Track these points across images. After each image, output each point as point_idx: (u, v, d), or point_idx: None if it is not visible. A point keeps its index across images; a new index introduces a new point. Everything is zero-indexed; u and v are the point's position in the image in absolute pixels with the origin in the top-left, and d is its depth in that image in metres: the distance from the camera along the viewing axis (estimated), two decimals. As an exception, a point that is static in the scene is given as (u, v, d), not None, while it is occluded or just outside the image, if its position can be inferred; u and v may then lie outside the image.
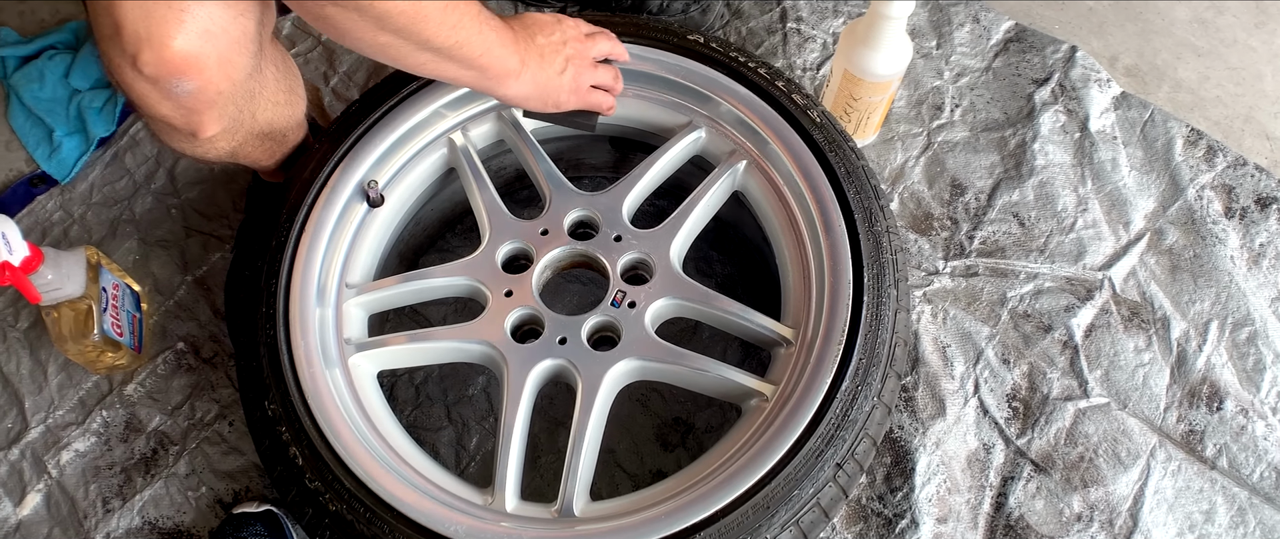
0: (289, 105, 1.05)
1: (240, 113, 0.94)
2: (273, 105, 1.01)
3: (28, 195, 1.43)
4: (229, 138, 0.97)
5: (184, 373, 1.27)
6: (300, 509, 0.94)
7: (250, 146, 1.04)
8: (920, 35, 1.52)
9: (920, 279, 1.31)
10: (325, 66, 1.52)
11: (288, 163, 1.16)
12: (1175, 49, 1.53)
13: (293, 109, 1.07)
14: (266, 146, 1.08)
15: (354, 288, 1.07)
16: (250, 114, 0.97)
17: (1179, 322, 1.27)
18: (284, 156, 1.14)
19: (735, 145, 1.13)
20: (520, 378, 1.01)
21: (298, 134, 1.13)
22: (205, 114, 0.88)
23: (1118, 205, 1.36)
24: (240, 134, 0.98)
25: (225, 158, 1.03)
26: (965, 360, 1.25)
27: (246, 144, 1.02)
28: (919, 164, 1.40)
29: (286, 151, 1.14)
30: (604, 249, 1.09)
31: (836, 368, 0.96)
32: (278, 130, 1.06)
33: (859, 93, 1.28)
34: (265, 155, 1.10)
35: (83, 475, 1.21)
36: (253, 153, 1.07)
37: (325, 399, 0.96)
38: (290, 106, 1.06)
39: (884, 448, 1.19)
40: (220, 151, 1.00)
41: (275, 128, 1.05)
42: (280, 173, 1.21)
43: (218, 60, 0.83)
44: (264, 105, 0.99)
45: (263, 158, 1.10)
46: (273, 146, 1.09)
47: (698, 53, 1.14)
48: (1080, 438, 1.20)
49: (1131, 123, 1.43)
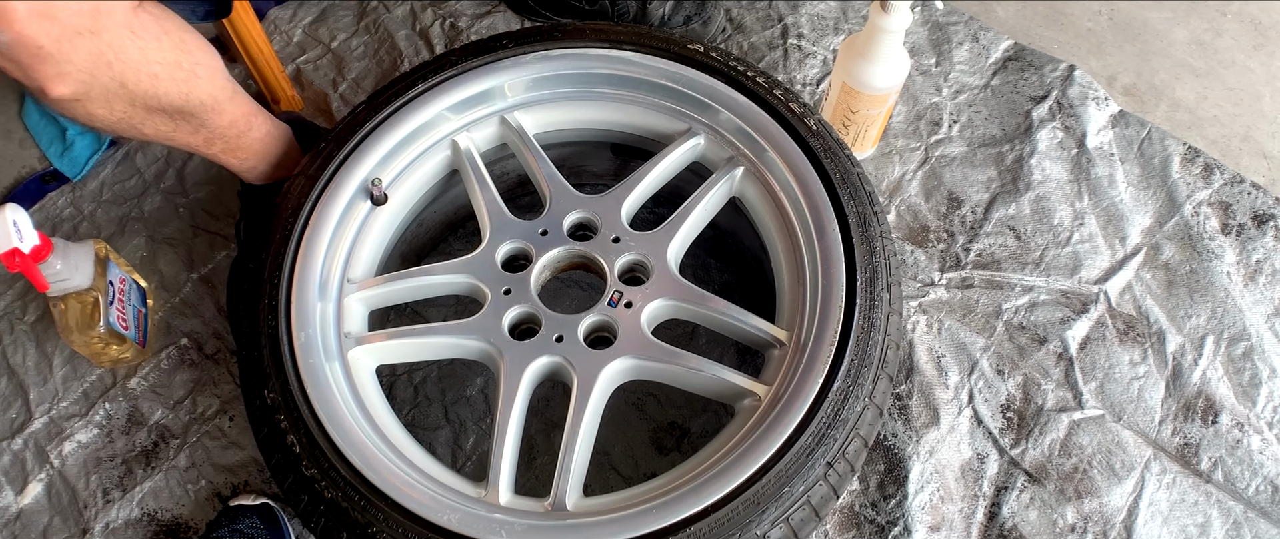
0: (179, 80, 0.98)
1: (97, 75, 0.89)
2: (150, 76, 0.94)
3: (40, 191, 1.45)
4: (104, 106, 0.93)
5: (186, 368, 1.29)
6: (296, 496, 0.95)
7: (154, 123, 1.01)
8: (920, 53, 1.54)
9: (916, 290, 1.32)
10: (334, 73, 1.55)
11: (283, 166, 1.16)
12: (1173, 69, 1.55)
13: (187, 84, 1.00)
14: (177, 126, 1.04)
15: (355, 283, 1.09)
16: (117, 81, 0.91)
17: (1174, 336, 1.28)
18: (236, 148, 1.14)
19: (733, 152, 1.15)
20: (516, 374, 1.02)
21: (222, 118, 1.09)
22: (40, 69, 0.84)
23: (1114, 221, 1.37)
24: (119, 104, 0.94)
25: (126, 131, 0.99)
26: (960, 370, 1.26)
27: (141, 118, 0.98)
28: (916, 178, 1.42)
29: (228, 141, 1.12)
30: (602, 250, 1.10)
31: (829, 368, 0.97)
32: (174, 106, 1.00)
33: (857, 105, 1.30)
34: (191, 136, 1.07)
35: (84, 466, 1.23)
36: (165, 131, 1.04)
37: (323, 389, 0.98)
38: (183, 82, 0.99)
39: (877, 455, 1.20)
40: (106, 121, 0.95)
41: (169, 102, 0.99)
42: (264, 173, 1.22)
43: (30, 11, 0.80)
44: (137, 73, 0.93)
45: (192, 140, 1.08)
46: (188, 128, 1.06)
47: (697, 62, 1.16)
48: (1074, 449, 1.20)
49: (1129, 140, 1.44)
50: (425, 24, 1.60)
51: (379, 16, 1.62)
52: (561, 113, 1.20)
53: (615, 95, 1.19)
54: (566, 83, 1.18)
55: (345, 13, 1.63)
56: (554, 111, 1.20)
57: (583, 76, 1.18)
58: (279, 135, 1.24)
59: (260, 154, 1.21)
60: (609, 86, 1.18)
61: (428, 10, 1.62)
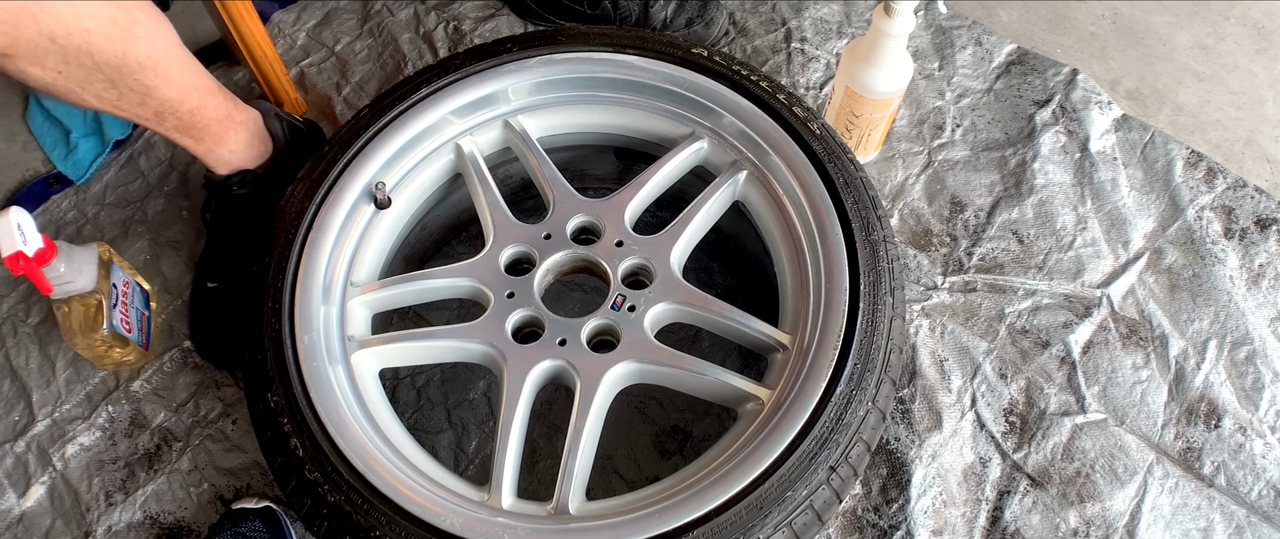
0: (113, 37, 0.95)
1: (22, 28, 0.86)
2: (81, 30, 0.91)
3: (43, 194, 1.45)
4: (35, 63, 0.90)
5: (189, 371, 1.29)
6: (299, 500, 0.95)
7: (95, 86, 0.98)
8: (923, 57, 1.54)
9: (919, 294, 1.32)
10: (338, 76, 1.55)
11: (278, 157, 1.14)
12: (1176, 73, 1.55)
13: (124, 42, 0.96)
14: (122, 94, 1.01)
15: (359, 286, 1.09)
16: (45, 34, 0.88)
17: (1177, 340, 1.28)
18: (190, 126, 1.12)
19: (736, 156, 1.15)
20: (520, 377, 1.02)
21: (170, 88, 1.05)
22: None
23: (1117, 224, 1.37)
24: (51, 60, 0.91)
25: (67, 95, 0.97)
26: (963, 374, 1.26)
27: (80, 78, 0.96)
28: (919, 182, 1.42)
29: (181, 118, 1.09)
30: (606, 254, 1.10)
31: (831, 372, 0.97)
32: (111, 64, 0.97)
33: (860, 110, 1.30)
34: (139, 108, 1.05)
35: (87, 469, 1.23)
36: (110, 98, 1.01)
37: (327, 393, 0.98)
38: (118, 39, 0.95)
39: (880, 459, 1.20)
40: (41, 81, 0.93)
41: (104, 60, 0.96)
42: (226, 160, 1.21)
43: None
44: (66, 27, 0.90)
45: (141, 112, 1.05)
46: (135, 97, 1.03)
47: (701, 66, 1.16)
48: (1077, 453, 1.20)
49: (1132, 144, 1.44)
50: (429, 27, 1.60)
51: (383, 20, 1.62)
52: (565, 116, 1.20)
53: (619, 99, 1.19)
54: (570, 87, 1.18)
55: (349, 16, 1.64)
56: (558, 115, 1.20)
57: (587, 80, 1.18)
58: (244, 120, 1.21)
59: (219, 137, 1.17)
60: (613, 90, 1.18)
61: (431, 14, 1.62)
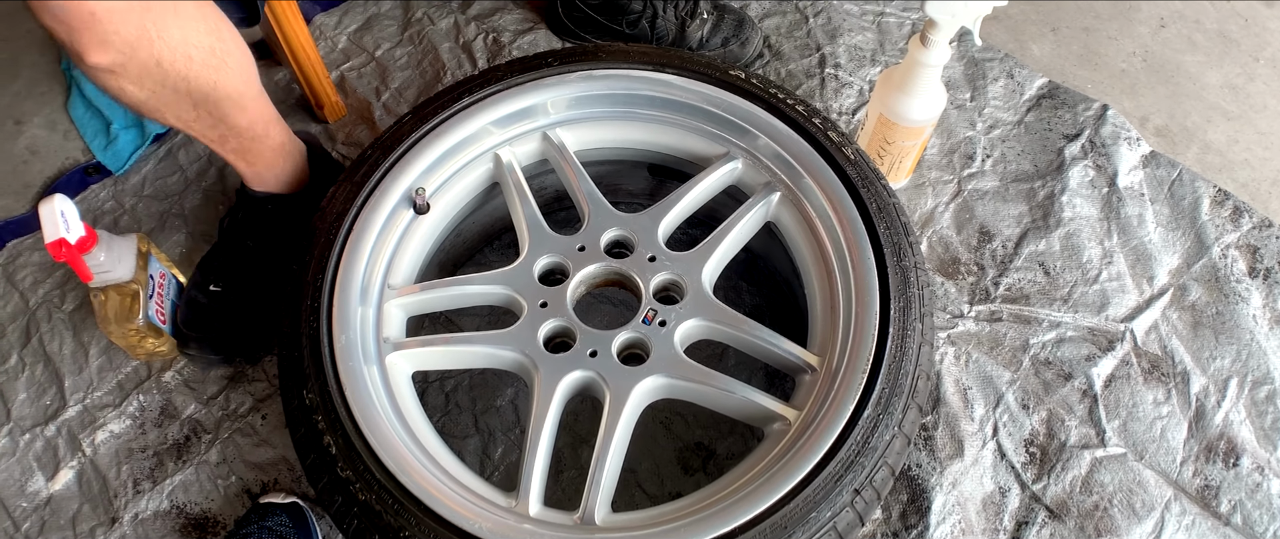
0: (211, 67, 1.02)
1: (138, 49, 0.92)
2: (185, 57, 0.98)
3: (82, 183, 1.48)
4: (137, 82, 0.96)
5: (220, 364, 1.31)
6: (330, 497, 0.96)
7: (178, 108, 1.04)
8: (955, 87, 1.55)
9: (945, 322, 1.33)
10: (377, 82, 1.58)
11: (309, 185, 1.17)
12: (1206, 112, 1.56)
13: (217, 72, 1.03)
14: (199, 115, 1.07)
15: (395, 289, 1.10)
16: (154, 57, 0.95)
17: (1199, 377, 1.28)
18: (247, 150, 1.17)
19: (770, 177, 1.16)
20: (550, 386, 1.04)
21: (243, 117, 1.12)
22: (86, 35, 0.87)
23: (1142, 260, 1.38)
24: (150, 82, 0.97)
25: (149, 112, 1.02)
26: (985, 403, 1.27)
27: (168, 100, 1.01)
28: (949, 210, 1.43)
29: (243, 142, 1.15)
30: (638, 268, 1.12)
31: (860, 395, 0.98)
32: (201, 92, 1.04)
33: (893, 137, 1.31)
34: (209, 129, 1.11)
35: (116, 456, 1.24)
36: (186, 118, 1.07)
37: (361, 393, 0.99)
38: (214, 68, 1.03)
39: (901, 484, 1.21)
40: (134, 98, 0.99)
41: (197, 87, 1.02)
42: (269, 182, 1.25)
43: None
44: (174, 53, 0.96)
45: (208, 134, 1.11)
46: (209, 119, 1.09)
47: (738, 87, 1.18)
48: (1096, 487, 1.21)
49: (1159, 181, 1.45)
50: (468, 37, 1.63)
51: (423, 28, 1.64)
52: (602, 131, 1.22)
53: (656, 117, 1.21)
54: (609, 102, 1.20)
55: (390, 22, 1.66)
56: (595, 130, 1.22)
57: (625, 97, 1.19)
58: (293, 150, 1.27)
59: (270, 163, 1.24)
60: (650, 108, 1.20)
61: (471, 24, 1.64)
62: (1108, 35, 1.65)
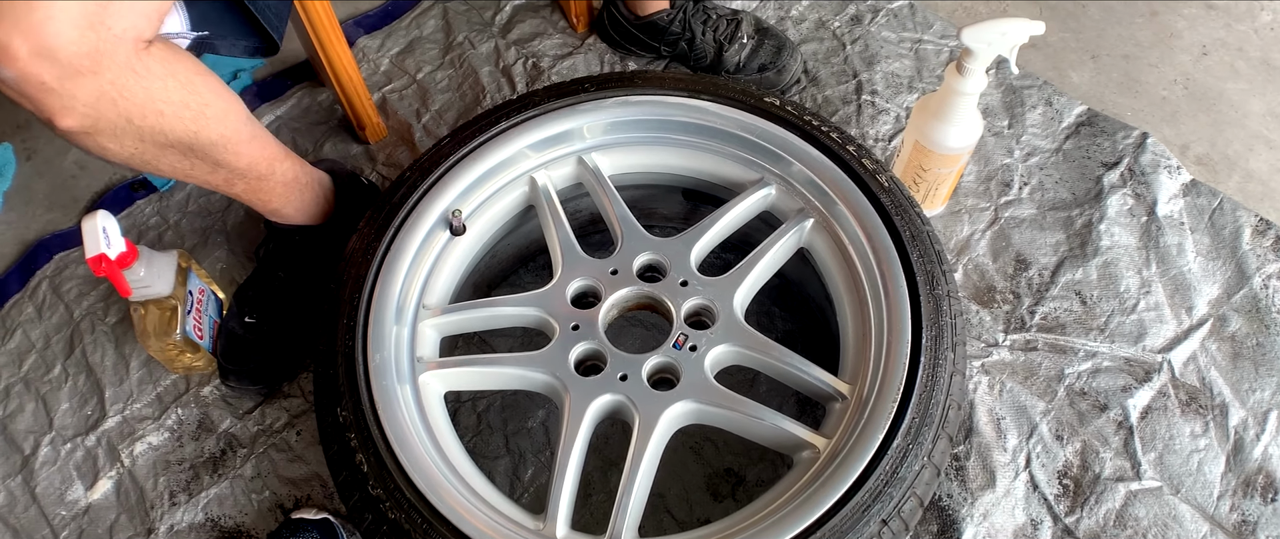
0: (185, 119, 1.00)
1: (103, 111, 0.91)
2: (155, 113, 0.96)
3: (128, 199, 1.52)
4: (114, 140, 0.95)
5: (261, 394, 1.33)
6: (361, 515, 0.98)
7: (169, 159, 1.03)
8: (992, 114, 1.55)
9: (979, 350, 1.32)
10: (418, 104, 1.60)
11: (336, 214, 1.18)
12: (1248, 140, 1.54)
13: (195, 123, 1.01)
14: (193, 164, 1.06)
15: (430, 309, 1.12)
16: (123, 116, 0.93)
17: (1238, 409, 1.26)
18: (257, 190, 1.17)
19: (804, 203, 1.17)
20: (580, 409, 1.04)
21: (239, 160, 1.11)
22: (47, 103, 0.87)
23: (1181, 290, 1.36)
24: (128, 139, 0.96)
25: (142, 166, 1.02)
26: (1019, 434, 1.25)
27: (154, 154, 1.01)
28: (985, 237, 1.42)
29: (249, 182, 1.15)
30: (670, 293, 1.12)
31: (889, 425, 0.98)
32: (183, 143, 1.02)
33: (928, 164, 1.31)
34: (210, 175, 1.10)
35: (153, 467, 1.27)
36: (182, 167, 1.06)
37: (394, 411, 1.01)
38: (190, 120, 1.00)
39: (931, 515, 1.20)
40: (118, 155, 0.98)
41: (177, 139, 1.00)
42: (290, 217, 1.26)
43: (31, 51, 0.83)
44: (143, 110, 0.95)
45: (212, 179, 1.11)
46: (205, 166, 1.08)
47: (773, 114, 1.18)
48: (1130, 520, 1.19)
49: (1200, 210, 1.44)
50: (508, 62, 1.65)
51: (464, 52, 1.67)
52: (637, 156, 1.23)
53: (690, 142, 1.21)
54: (644, 128, 1.21)
55: (432, 46, 1.69)
56: (630, 154, 1.23)
57: (660, 123, 1.20)
58: (308, 182, 1.26)
59: (285, 198, 1.23)
60: (685, 134, 1.21)
61: (511, 49, 1.67)
62: (1148, 63, 1.64)
